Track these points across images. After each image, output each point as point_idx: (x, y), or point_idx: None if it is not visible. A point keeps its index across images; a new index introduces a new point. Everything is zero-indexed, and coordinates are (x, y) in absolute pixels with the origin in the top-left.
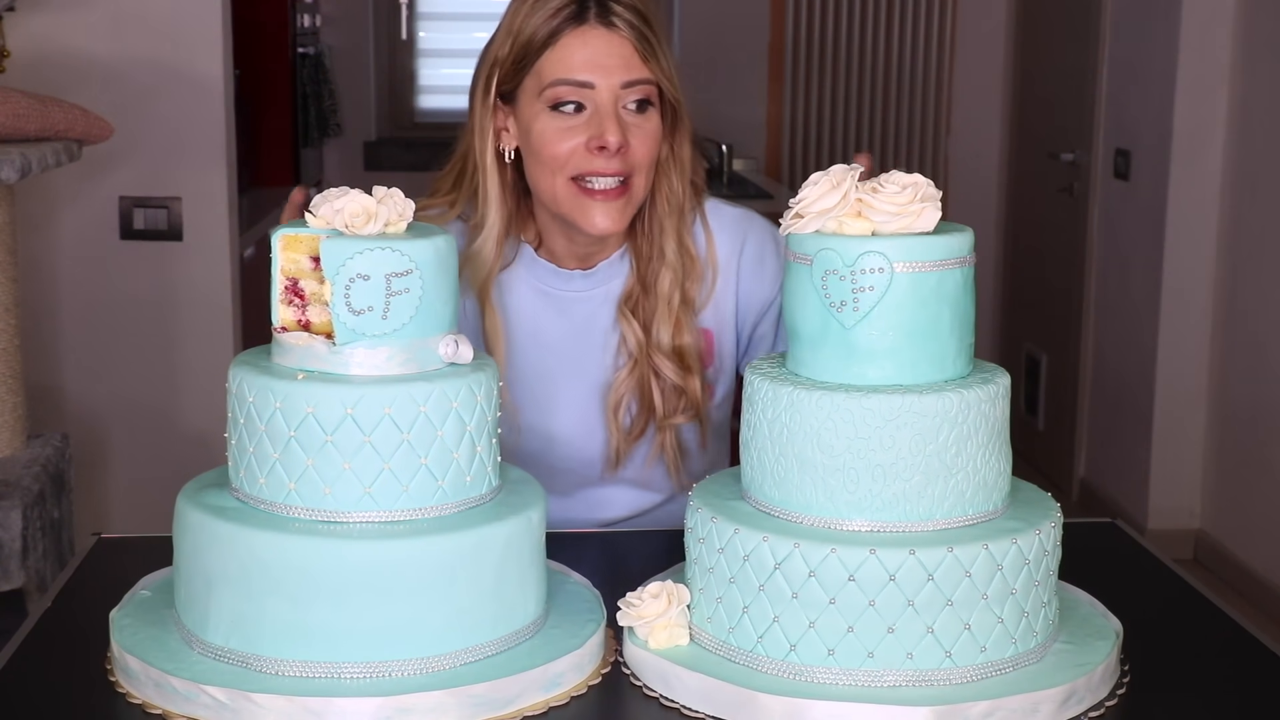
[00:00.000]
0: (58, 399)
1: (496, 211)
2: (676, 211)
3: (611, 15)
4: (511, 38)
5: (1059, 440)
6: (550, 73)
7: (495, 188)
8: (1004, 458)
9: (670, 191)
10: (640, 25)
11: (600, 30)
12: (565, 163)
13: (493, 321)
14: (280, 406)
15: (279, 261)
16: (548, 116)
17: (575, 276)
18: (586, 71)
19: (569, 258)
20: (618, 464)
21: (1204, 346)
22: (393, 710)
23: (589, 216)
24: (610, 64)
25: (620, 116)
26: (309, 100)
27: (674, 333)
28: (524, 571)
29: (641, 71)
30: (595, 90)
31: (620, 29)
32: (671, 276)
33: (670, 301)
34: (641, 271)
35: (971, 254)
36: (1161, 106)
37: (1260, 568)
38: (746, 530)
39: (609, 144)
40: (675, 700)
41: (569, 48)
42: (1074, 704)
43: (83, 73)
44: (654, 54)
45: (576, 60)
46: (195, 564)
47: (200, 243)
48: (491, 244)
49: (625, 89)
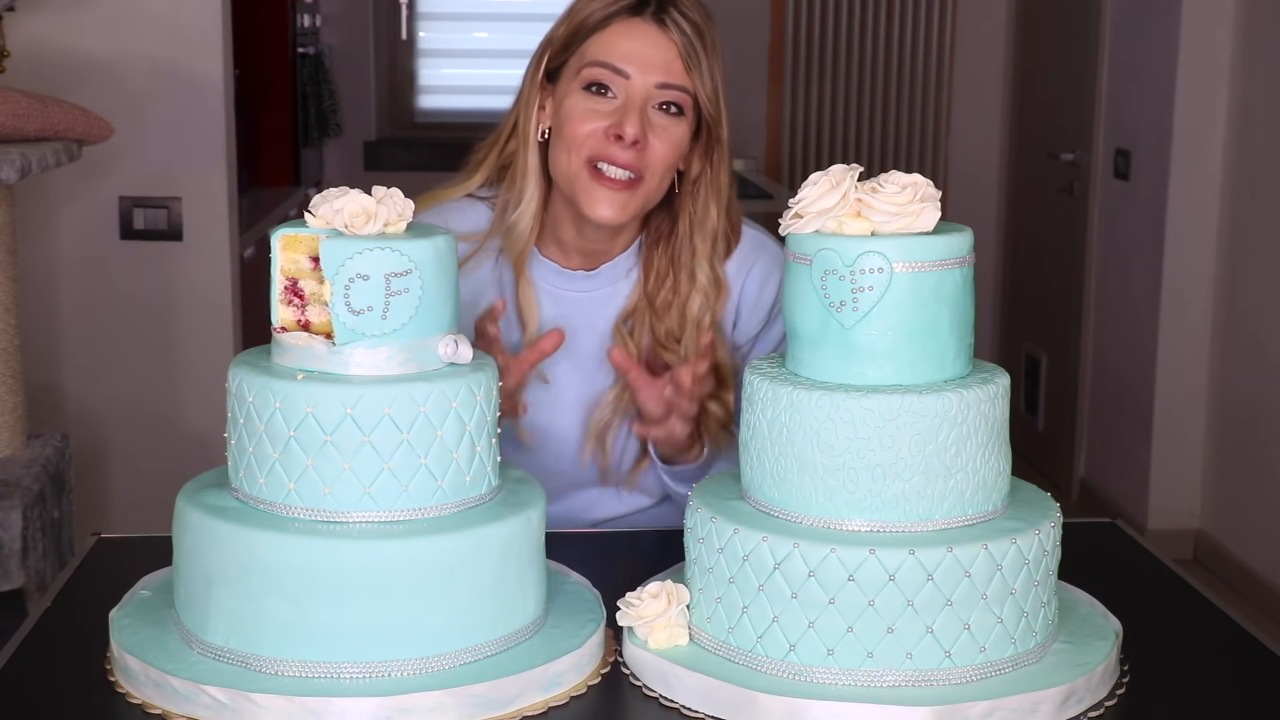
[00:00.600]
0: (58, 399)
1: (535, 185)
2: (710, 236)
3: (666, 16)
4: (569, 19)
5: (1059, 440)
6: (592, 54)
7: (535, 162)
8: (1004, 458)
9: (699, 212)
10: (692, 34)
11: (651, 27)
12: (583, 143)
13: (526, 292)
14: (280, 406)
15: (279, 261)
16: (579, 95)
17: (578, 277)
18: (625, 61)
19: (575, 253)
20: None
21: (1204, 346)
22: (392, 710)
23: (593, 201)
24: (651, 60)
25: (646, 113)
26: (309, 100)
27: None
28: (524, 571)
29: (681, 78)
30: (629, 81)
31: (670, 30)
32: (703, 300)
33: (702, 325)
34: (653, 288)
35: (971, 254)
36: (1161, 106)
37: (1260, 568)
38: (746, 530)
39: (625, 134)
40: (675, 700)
41: (616, 34)
42: (1074, 704)
43: (83, 73)
44: (698, 65)
45: (620, 48)
46: (195, 564)
47: (200, 243)
48: (529, 217)
49: (659, 89)
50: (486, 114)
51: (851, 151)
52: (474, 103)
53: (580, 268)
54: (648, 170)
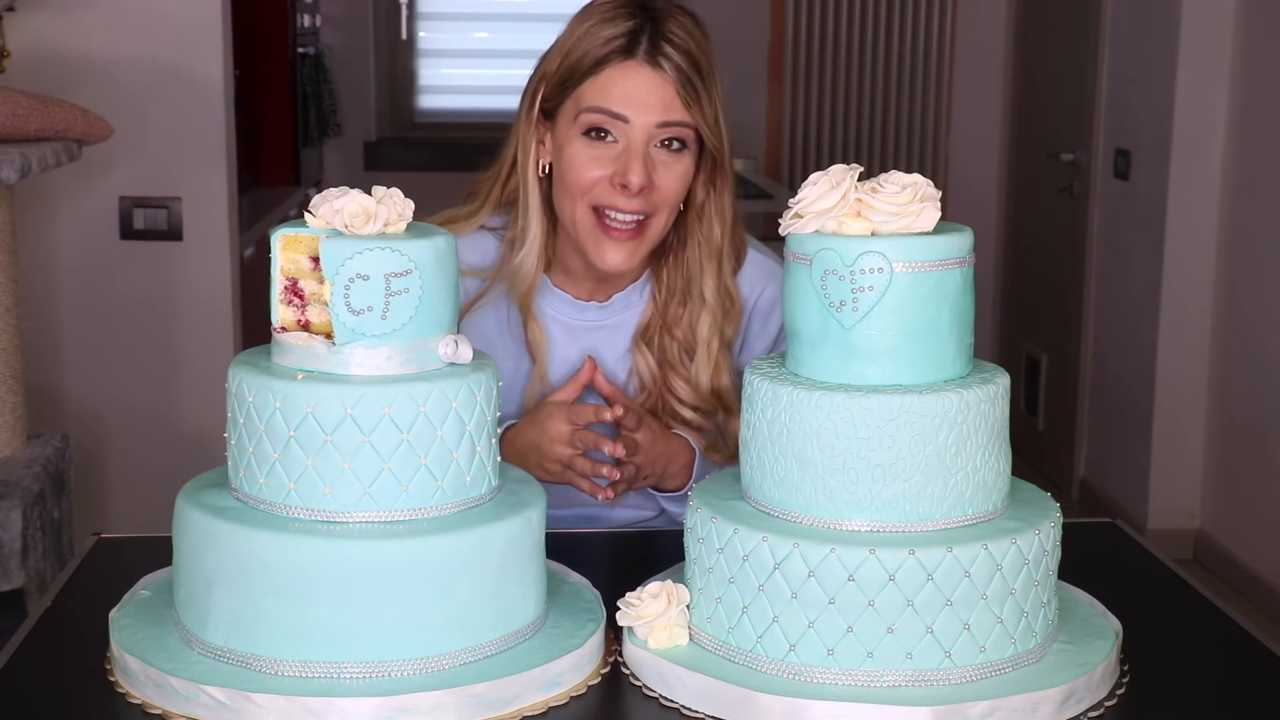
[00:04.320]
0: (58, 399)
1: (538, 224)
2: (716, 255)
3: (660, 55)
4: (563, 56)
5: (1059, 440)
6: (589, 99)
7: (536, 200)
8: (1003, 458)
9: (706, 237)
10: (688, 69)
11: (645, 68)
12: (588, 190)
13: (536, 332)
14: (280, 406)
15: (279, 261)
16: (580, 142)
17: (590, 308)
18: (623, 105)
19: (586, 281)
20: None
21: (1204, 346)
22: (393, 710)
23: (601, 251)
24: (649, 102)
25: (649, 155)
26: (309, 100)
27: (713, 375)
28: (524, 571)
29: (681, 114)
30: (629, 125)
31: (665, 70)
32: (711, 321)
33: (710, 345)
34: (663, 306)
35: (971, 254)
36: (1161, 106)
37: (1260, 568)
38: (746, 530)
39: (631, 184)
40: (675, 700)
41: (611, 78)
42: (1074, 704)
43: (83, 73)
44: (697, 99)
45: (616, 92)
46: (195, 564)
47: (200, 243)
48: (533, 257)
49: (660, 128)
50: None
51: (851, 151)
52: (474, 103)
53: (592, 296)
54: (656, 210)
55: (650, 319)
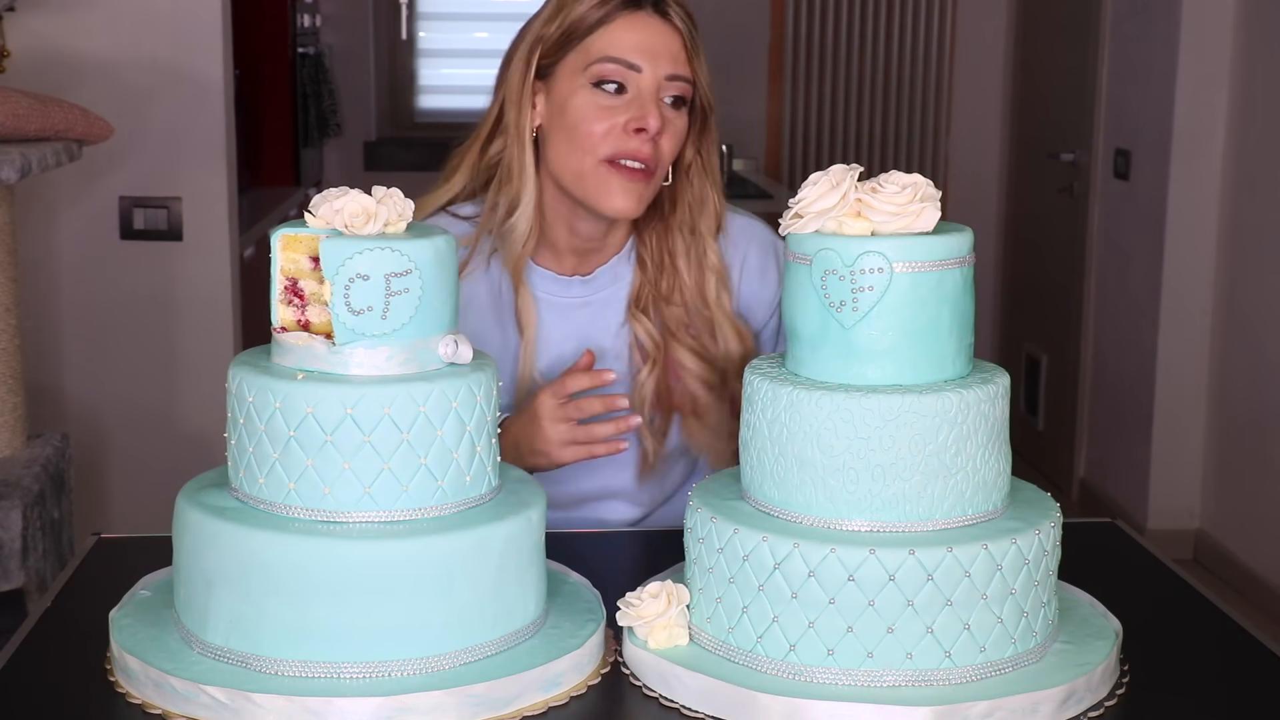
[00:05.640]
0: (58, 399)
1: (532, 186)
2: (714, 218)
3: (667, 6)
4: (561, 16)
5: (1059, 440)
6: (599, 49)
7: (531, 163)
8: (1003, 458)
9: (702, 198)
10: (689, 24)
11: (655, 19)
12: (600, 142)
13: (525, 300)
14: (280, 406)
15: (278, 261)
16: (588, 93)
17: (574, 283)
18: (636, 55)
19: (569, 254)
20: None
21: (1204, 346)
22: (393, 710)
23: (610, 194)
24: (660, 52)
25: (661, 104)
26: (309, 100)
27: (739, 338)
28: (524, 571)
29: (685, 68)
30: (641, 75)
31: (674, 20)
32: (716, 280)
33: (724, 308)
34: (653, 276)
35: (971, 254)
36: (1161, 106)
37: (1260, 568)
38: (746, 530)
39: (649, 126)
40: (675, 700)
41: (622, 29)
42: (1074, 704)
43: (83, 73)
44: (698, 54)
45: (628, 41)
46: (195, 564)
47: (200, 243)
48: (526, 220)
49: (669, 81)
50: None
51: (851, 151)
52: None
53: (575, 272)
54: (659, 163)
55: (641, 287)
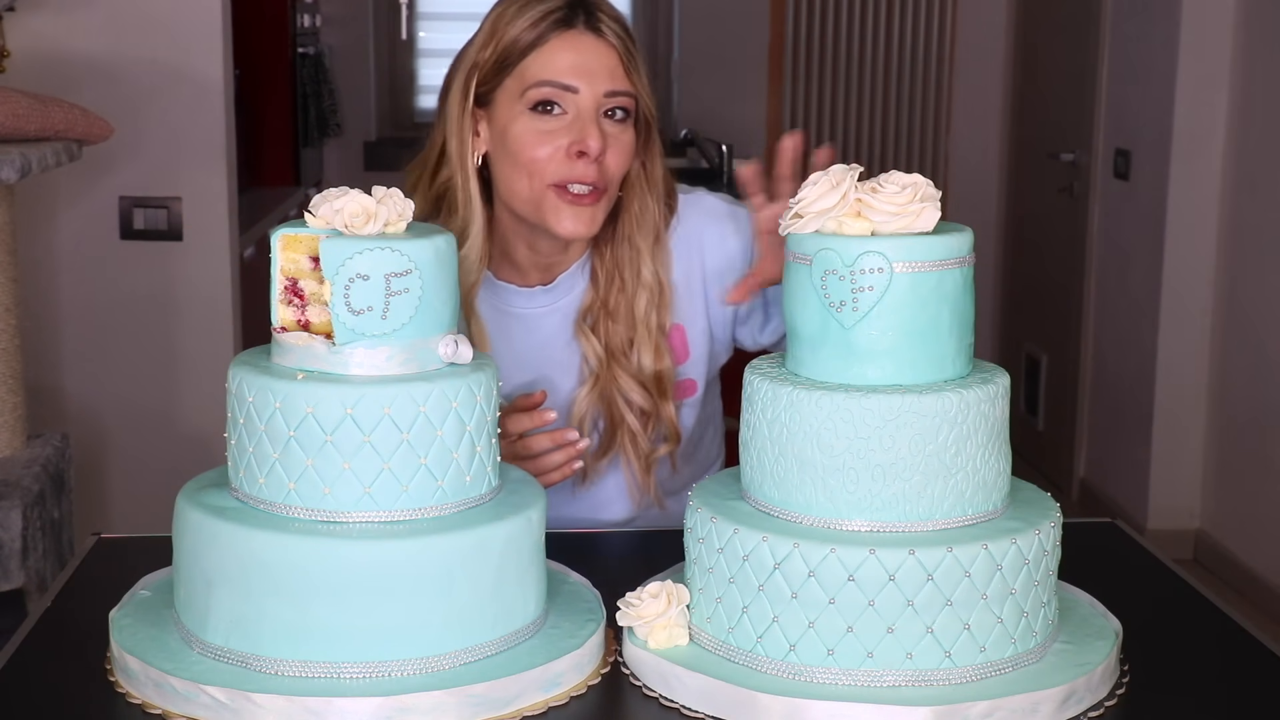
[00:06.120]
0: (58, 399)
1: (479, 214)
2: (651, 232)
3: (599, 23)
4: (494, 41)
5: (1059, 440)
6: (534, 73)
7: (477, 193)
8: (1003, 458)
9: (642, 210)
10: (625, 38)
11: (588, 36)
12: (544, 167)
13: (478, 328)
14: (280, 406)
15: (278, 261)
16: (527, 118)
17: (536, 293)
18: (572, 75)
19: (531, 269)
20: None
21: (1204, 346)
22: (393, 710)
23: (560, 219)
24: (596, 70)
25: (601, 124)
26: (309, 100)
27: (655, 357)
28: (524, 571)
29: (624, 83)
30: (578, 95)
31: (608, 37)
32: (648, 298)
33: (649, 325)
34: (604, 290)
35: (971, 254)
36: (1161, 106)
37: (1260, 568)
38: (746, 530)
39: (590, 149)
40: (675, 700)
41: (555, 50)
42: (1074, 704)
43: (83, 73)
44: (636, 68)
45: (563, 63)
46: (195, 564)
47: (200, 243)
48: (476, 251)
49: (608, 97)
50: None
51: (851, 151)
52: None
53: (538, 283)
54: (609, 182)
55: (590, 302)
